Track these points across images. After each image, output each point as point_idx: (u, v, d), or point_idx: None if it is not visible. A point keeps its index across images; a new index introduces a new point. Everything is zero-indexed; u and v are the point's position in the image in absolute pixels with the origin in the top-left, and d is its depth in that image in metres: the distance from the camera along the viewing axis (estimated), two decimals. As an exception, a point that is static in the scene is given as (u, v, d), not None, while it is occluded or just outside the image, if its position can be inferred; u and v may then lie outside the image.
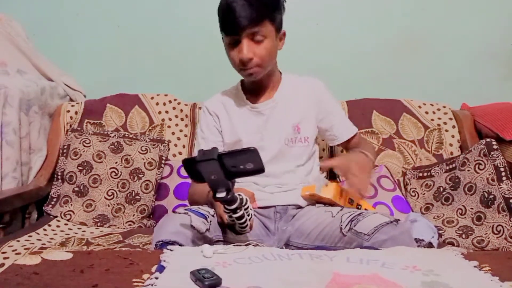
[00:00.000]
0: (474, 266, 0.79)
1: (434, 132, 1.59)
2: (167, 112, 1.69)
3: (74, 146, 1.54)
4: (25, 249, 1.12)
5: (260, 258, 0.83)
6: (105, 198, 1.48)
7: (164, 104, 1.70)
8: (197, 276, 0.70)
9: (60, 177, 1.52)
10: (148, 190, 1.50)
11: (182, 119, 1.69)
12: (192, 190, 1.27)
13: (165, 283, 0.71)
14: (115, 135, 1.59)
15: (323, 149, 1.58)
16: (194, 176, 0.88)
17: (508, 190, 1.21)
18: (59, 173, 1.52)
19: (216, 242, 1.03)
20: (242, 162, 0.82)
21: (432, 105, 1.65)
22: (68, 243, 1.22)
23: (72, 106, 1.67)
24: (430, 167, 1.47)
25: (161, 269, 0.77)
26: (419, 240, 1.16)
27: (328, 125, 1.30)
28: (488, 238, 1.19)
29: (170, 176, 1.55)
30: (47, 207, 1.47)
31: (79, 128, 1.62)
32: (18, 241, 1.18)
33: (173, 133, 1.66)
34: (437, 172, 1.43)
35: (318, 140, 1.35)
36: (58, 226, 1.38)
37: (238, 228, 0.96)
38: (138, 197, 1.49)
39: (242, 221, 0.93)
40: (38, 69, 1.71)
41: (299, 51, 1.75)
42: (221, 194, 0.85)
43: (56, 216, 1.44)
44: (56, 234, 1.32)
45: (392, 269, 0.77)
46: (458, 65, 1.85)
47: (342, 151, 1.50)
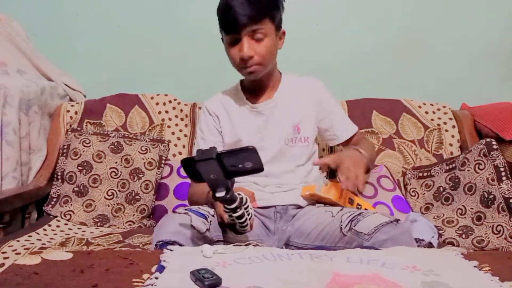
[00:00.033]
0: (474, 266, 0.79)
1: (434, 132, 1.59)
2: (167, 112, 1.69)
3: (74, 146, 1.54)
4: (25, 249, 1.12)
5: (260, 258, 0.83)
6: (105, 198, 1.48)
7: (164, 104, 1.70)
8: (197, 276, 0.70)
9: (60, 177, 1.52)
10: (148, 190, 1.50)
11: (182, 119, 1.69)
12: (192, 190, 1.27)
13: (165, 283, 0.71)
14: (115, 135, 1.59)
15: (323, 149, 1.58)
16: (193, 176, 0.88)
17: (508, 190, 1.21)
18: (59, 173, 1.52)
19: (216, 242, 1.03)
20: (241, 161, 0.82)
21: (432, 105, 1.65)
22: (68, 243, 1.22)
23: (72, 106, 1.67)
24: (430, 167, 1.47)
25: (161, 269, 0.77)
26: (419, 240, 1.16)
27: (328, 125, 1.30)
28: (488, 238, 1.19)
29: (170, 176, 1.55)
30: (47, 207, 1.47)
31: (79, 128, 1.62)
32: (18, 241, 1.18)
33: (173, 133, 1.66)
34: (437, 172, 1.43)
35: (317, 140, 1.35)
36: (58, 226, 1.38)
37: (239, 228, 0.96)
38: (138, 197, 1.49)
39: (242, 220, 0.93)
40: (38, 69, 1.71)
41: (299, 51, 1.75)
42: (220, 194, 0.85)
43: (56, 216, 1.44)
44: (56, 234, 1.32)
45: (392, 269, 0.77)
46: (458, 65, 1.85)
47: (342, 150, 1.50)
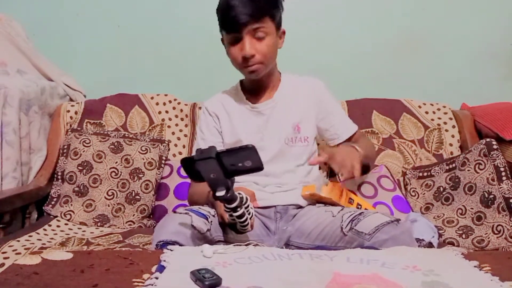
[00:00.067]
0: (474, 266, 0.79)
1: (434, 132, 1.59)
2: (167, 112, 1.69)
3: (74, 146, 1.54)
4: (25, 249, 1.12)
5: (260, 258, 0.83)
6: (105, 198, 1.48)
7: (164, 104, 1.70)
8: (197, 276, 0.70)
9: (60, 177, 1.52)
10: (148, 190, 1.50)
11: (182, 119, 1.68)
12: (192, 191, 1.27)
13: (165, 283, 0.71)
14: (115, 135, 1.59)
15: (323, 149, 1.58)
16: (193, 176, 0.88)
17: (508, 190, 1.21)
18: (59, 173, 1.52)
19: (217, 242, 1.03)
20: (241, 160, 0.82)
21: (432, 105, 1.65)
22: (68, 243, 1.22)
23: (72, 106, 1.67)
24: (430, 167, 1.47)
25: (161, 269, 0.77)
26: (419, 240, 1.16)
27: (328, 125, 1.30)
28: (488, 238, 1.19)
29: (170, 176, 1.55)
30: (47, 207, 1.47)
31: (79, 128, 1.62)
32: (18, 241, 1.18)
33: (173, 133, 1.66)
34: (437, 172, 1.43)
35: (317, 139, 1.35)
36: (58, 226, 1.38)
37: (239, 227, 0.96)
38: (138, 197, 1.49)
39: (243, 219, 0.93)
40: (38, 69, 1.71)
41: (299, 51, 1.75)
42: (220, 193, 0.85)
43: (56, 216, 1.44)
44: (56, 234, 1.32)
45: (393, 269, 0.77)
46: (458, 65, 1.85)
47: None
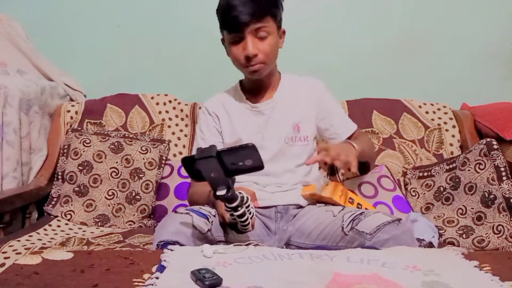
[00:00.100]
0: (475, 266, 0.79)
1: (435, 132, 1.59)
2: (167, 112, 1.69)
3: (74, 146, 1.54)
4: (25, 249, 1.12)
5: (261, 258, 0.83)
6: (106, 198, 1.48)
7: (164, 104, 1.70)
8: (198, 276, 0.70)
9: (61, 177, 1.52)
10: (149, 190, 1.50)
11: (182, 119, 1.68)
12: (192, 191, 1.27)
13: (165, 283, 0.71)
14: (115, 135, 1.59)
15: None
16: (194, 175, 0.88)
17: (508, 190, 1.21)
18: (60, 173, 1.52)
19: (218, 242, 1.02)
20: (241, 159, 0.82)
21: (432, 105, 1.65)
22: (69, 243, 1.22)
23: (72, 106, 1.67)
24: (431, 167, 1.47)
25: (161, 269, 0.77)
26: (420, 240, 1.16)
27: (328, 125, 1.30)
28: (488, 238, 1.19)
29: (170, 176, 1.55)
30: (48, 207, 1.47)
31: (79, 128, 1.62)
32: (19, 241, 1.18)
33: (173, 133, 1.66)
34: (438, 172, 1.43)
35: (317, 139, 1.35)
36: (58, 226, 1.38)
37: (240, 227, 0.96)
38: (138, 197, 1.49)
39: (244, 219, 0.93)
40: (38, 69, 1.71)
41: (299, 51, 1.75)
42: (221, 192, 0.85)
43: (57, 216, 1.44)
44: (56, 234, 1.32)
45: (393, 269, 0.77)
46: (458, 65, 1.85)
47: None
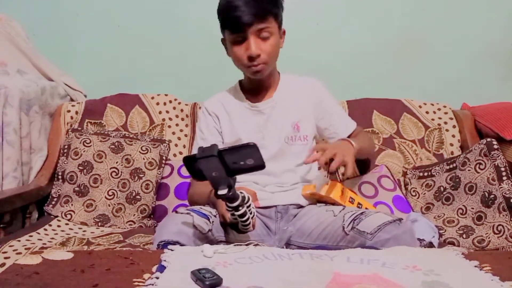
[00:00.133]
0: (475, 266, 0.79)
1: (435, 131, 1.59)
2: (167, 112, 1.69)
3: (74, 146, 1.54)
4: (25, 249, 1.12)
5: (261, 258, 0.83)
6: (106, 198, 1.48)
7: (165, 104, 1.70)
8: (198, 276, 0.70)
9: (61, 177, 1.52)
10: (149, 190, 1.50)
11: (182, 119, 1.68)
12: (192, 191, 1.27)
13: (165, 283, 0.71)
14: (115, 135, 1.59)
15: (323, 149, 1.58)
16: (195, 174, 0.87)
17: (508, 189, 1.21)
18: (60, 173, 1.52)
19: (219, 242, 1.02)
20: (243, 158, 0.82)
21: (432, 104, 1.65)
22: (69, 243, 1.22)
23: (73, 106, 1.67)
24: (431, 166, 1.47)
25: (161, 269, 0.77)
26: (420, 240, 1.16)
27: (328, 124, 1.31)
28: (488, 238, 1.19)
29: (170, 176, 1.55)
30: (48, 207, 1.47)
31: (79, 128, 1.62)
32: (19, 241, 1.18)
33: (173, 133, 1.66)
34: (438, 172, 1.43)
35: (316, 138, 1.35)
36: (58, 226, 1.38)
37: (241, 227, 0.96)
38: (138, 197, 1.49)
39: (245, 218, 0.93)
40: (38, 69, 1.71)
41: (299, 51, 1.75)
42: (222, 191, 0.85)
43: (57, 216, 1.44)
44: (56, 234, 1.32)
45: (393, 269, 0.77)
46: (458, 65, 1.85)
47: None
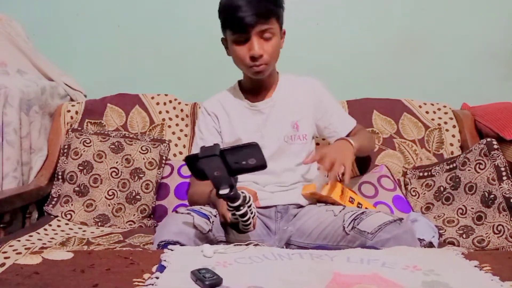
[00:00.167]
0: (475, 266, 0.79)
1: (435, 131, 1.59)
2: (167, 112, 1.69)
3: (74, 146, 1.54)
4: (25, 248, 1.12)
5: (261, 257, 0.83)
6: (106, 198, 1.48)
7: (165, 104, 1.70)
8: (198, 275, 0.70)
9: (61, 177, 1.52)
10: (149, 190, 1.50)
11: (182, 119, 1.68)
12: (192, 191, 1.27)
13: (165, 282, 0.71)
14: (115, 135, 1.59)
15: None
16: (196, 174, 0.87)
17: (508, 189, 1.21)
18: (60, 173, 1.52)
19: (219, 242, 1.02)
20: (244, 158, 0.82)
21: (432, 104, 1.65)
22: (69, 242, 1.22)
23: (73, 106, 1.67)
24: (431, 166, 1.47)
25: (161, 268, 0.77)
26: (420, 240, 1.16)
27: (327, 123, 1.31)
28: (488, 238, 1.19)
29: (170, 176, 1.55)
30: (48, 207, 1.47)
31: (79, 128, 1.62)
32: (19, 240, 1.18)
33: (173, 133, 1.66)
34: (438, 172, 1.43)
35: (317, 139, 1.35)
36: (58, 226, 1.38)
37: (242, 227, 0.96)
38: (138, 197, 1.49)
39: (246, 218, 0.92)
40: (38, 69, 1.71)
41: (299, 51, 1.75)
42: (224, 191, 0.85)
43: (57, 216, 1.44)
44: (56, 234, 1.32)
45: (393, 268, 0.77)
46: (458, 65, 1.85)
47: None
